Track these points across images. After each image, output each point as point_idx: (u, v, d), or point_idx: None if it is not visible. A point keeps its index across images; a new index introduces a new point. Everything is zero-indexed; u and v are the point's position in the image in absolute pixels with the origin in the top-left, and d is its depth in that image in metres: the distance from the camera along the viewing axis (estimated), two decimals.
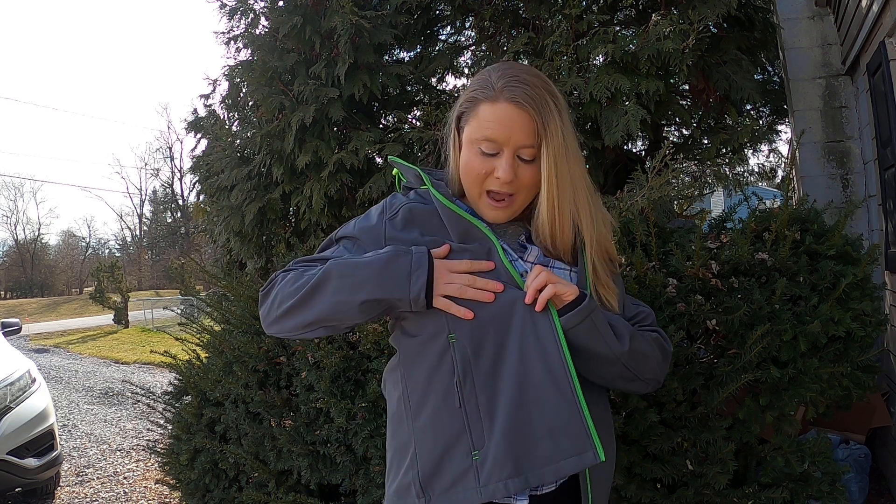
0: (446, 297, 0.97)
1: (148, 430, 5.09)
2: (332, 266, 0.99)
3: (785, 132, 4.77)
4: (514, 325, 0.97)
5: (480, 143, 0.98)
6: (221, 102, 4.44)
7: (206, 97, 4.61)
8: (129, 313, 17.79)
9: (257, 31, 3.94)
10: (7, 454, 3.29)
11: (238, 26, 4.03)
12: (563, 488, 1.01)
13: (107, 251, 45.59)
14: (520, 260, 1.03)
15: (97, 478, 4.25)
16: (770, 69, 4.28)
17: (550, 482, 0.98)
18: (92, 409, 6.62)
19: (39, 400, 3.66)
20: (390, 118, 3.88)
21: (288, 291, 1.02)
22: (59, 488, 3.99)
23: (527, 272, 1.00)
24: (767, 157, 5.87)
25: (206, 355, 2.68)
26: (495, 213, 1.02)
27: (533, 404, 0.94)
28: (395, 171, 1.17)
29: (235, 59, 4.14)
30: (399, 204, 1.07)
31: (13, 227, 43.28)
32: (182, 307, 6.63)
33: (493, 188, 1.00)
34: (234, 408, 2.37)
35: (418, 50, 4.20)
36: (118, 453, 4.84)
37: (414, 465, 1.01)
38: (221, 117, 4.53)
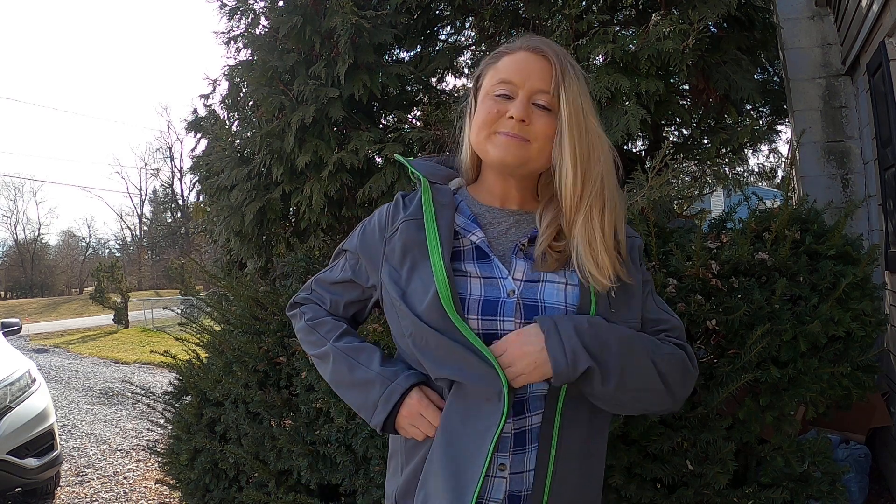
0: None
1: (148, 430, 5.09)
2: (332, 351, 1.04)
3: (785, 132, 4.76)
4: None
5: (496, 88, 0.95)
6: (221, 102, 4.43)
7: (206, 97, 4.60)
8: (129, 313, 17.80)
9: (257, 31, 3.93)
10: (7, 454, 3.29)
11: (238, 26, 4.03)
12: None
13: (107, 251, 45.68)
14: (509, 277, 0.94)
15: (97, 478, 4.25)
16: (770, 69, 4.28)
17: None
18: (92, 409, 6.62)
19: (39, 400, 3.67)
20: (390, 118, 3.88)
21: (304, 341, 1.12)
22: (59, 488, 3.99)
23: (514, 291, 0.92)
24: (767, 157, 5.86)
25: (206, 355, 2.68)
26: (506, 147, 0.92)
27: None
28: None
29: (235, 59, 4.14)
30: (400, 220, 1.00)
31: (13, 227, 43.40)
32: (182, 307, 6.63)
33: (503, 129, 0.93)
34: (234, 408, 2.37)
35: (418, 50, 4.20)
36: (118, 453, 4.84)
37: (396, 476, 1.00)
38: (221, 117, 4.52)
